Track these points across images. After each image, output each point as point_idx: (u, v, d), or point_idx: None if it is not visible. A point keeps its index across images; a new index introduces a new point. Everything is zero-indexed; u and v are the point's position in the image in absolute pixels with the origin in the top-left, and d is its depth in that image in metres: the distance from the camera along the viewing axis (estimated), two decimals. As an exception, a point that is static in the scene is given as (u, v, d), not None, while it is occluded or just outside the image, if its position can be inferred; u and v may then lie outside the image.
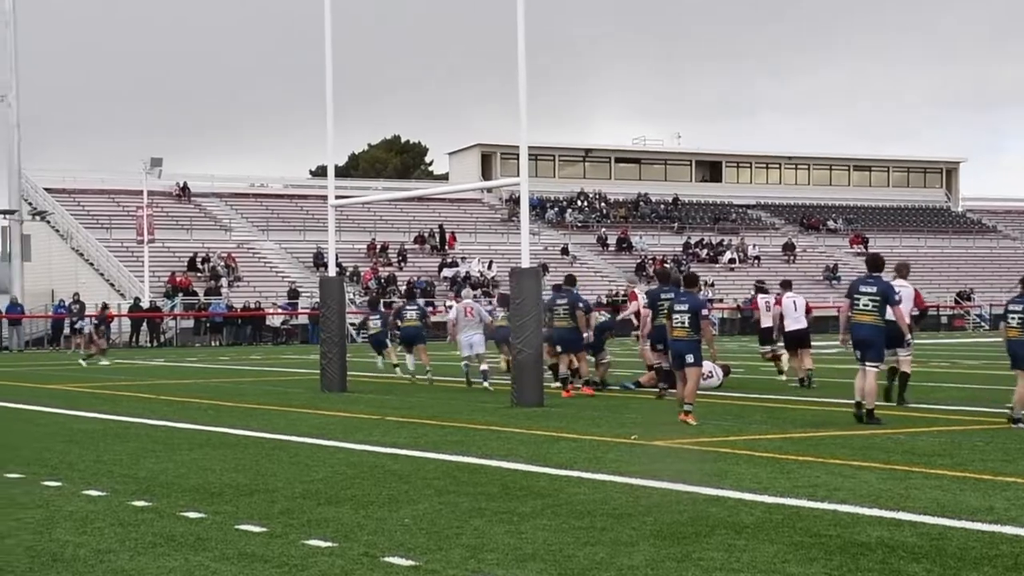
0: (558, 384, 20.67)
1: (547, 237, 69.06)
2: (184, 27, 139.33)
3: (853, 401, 15.34)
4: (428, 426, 15.47)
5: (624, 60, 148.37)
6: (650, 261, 66.08)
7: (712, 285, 63.79)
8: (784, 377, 22.78)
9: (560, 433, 14.33)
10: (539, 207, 70.56)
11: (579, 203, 74.96)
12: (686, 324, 15.54)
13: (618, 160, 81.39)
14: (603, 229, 71.96)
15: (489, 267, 61.62)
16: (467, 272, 61.06)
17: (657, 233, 73.40)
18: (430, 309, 24.03)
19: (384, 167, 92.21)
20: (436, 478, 10.77)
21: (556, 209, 73.47)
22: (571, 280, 21.80)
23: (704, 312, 15.87)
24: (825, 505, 9.15)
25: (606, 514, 8.86)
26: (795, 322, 22.34)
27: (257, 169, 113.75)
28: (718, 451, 12.55)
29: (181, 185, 67.51)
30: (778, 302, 23.10)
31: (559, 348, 20.59)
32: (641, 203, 76.81)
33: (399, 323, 25.25)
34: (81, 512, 9.12)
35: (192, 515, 8.96)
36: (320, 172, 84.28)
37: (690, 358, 15.39)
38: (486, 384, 21.70)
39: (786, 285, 23.71)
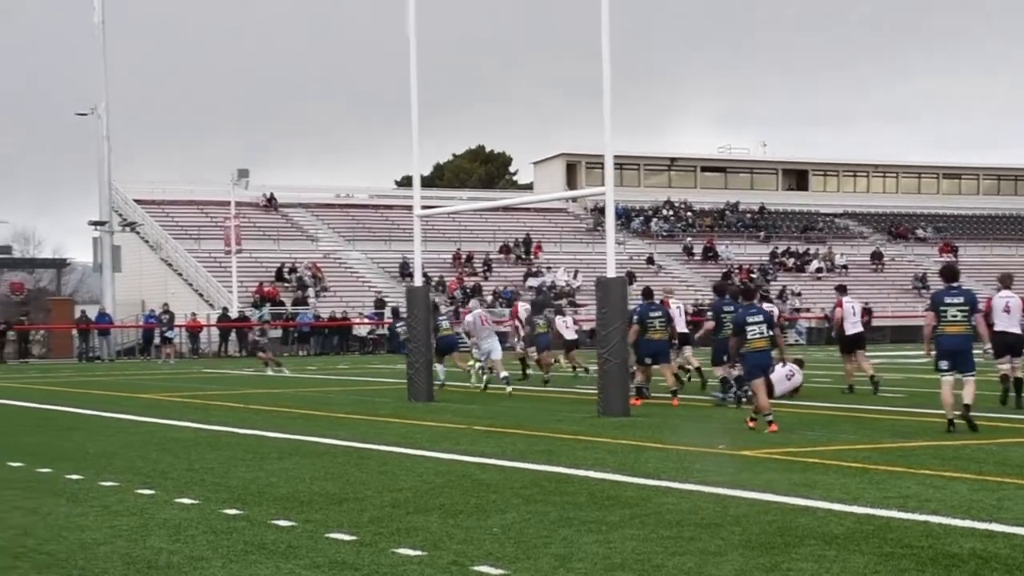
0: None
1: (632, 246, 68.87)
2: (271, 40, 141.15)
3: (943, 411, 15.12)
4: (514, 435, 15.48)
5: (710, 68, 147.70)
6: (736, 270, 65.61)
7: (799, 295, 63.19)
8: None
9: (647, 443, 14.27)
10: (624, 216, 70.33)
11: (664, 212, 74.66)
12: (765, 334, 15.70)
13: (704, 169, 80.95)
14: (689, 238, 71.58)
15: (574, 276, 61.55)
16: (552, 281, 61.02)
17: (743, 242, 72.87)
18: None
19: (468, 177, 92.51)
20: (524, 487, 10.77)
21: (641, 218, 73.25)
22: (649, 292, 21.80)
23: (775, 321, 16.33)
24: (916, 516, 9.02)
25: (694, 524, 8.81)
26: (853, 326, 22.63)
27: (343, 179, 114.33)
28: (806, 461, 12.42)
29: (268, 196, 68.28)
30: (838, 305, 23.19)
31: (648, 360, 20.62)
32: (727, 212, 76.32)
33: (435, 333, 25.47)
34: (174, 520, 9.24)
35: (283, 523, 9.05)
36: (405, 182, 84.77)
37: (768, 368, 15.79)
38: (509, 389, 22.82)
39: (842, 289, 23.92)
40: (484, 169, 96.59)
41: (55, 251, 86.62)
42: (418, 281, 24.92)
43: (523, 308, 28.58)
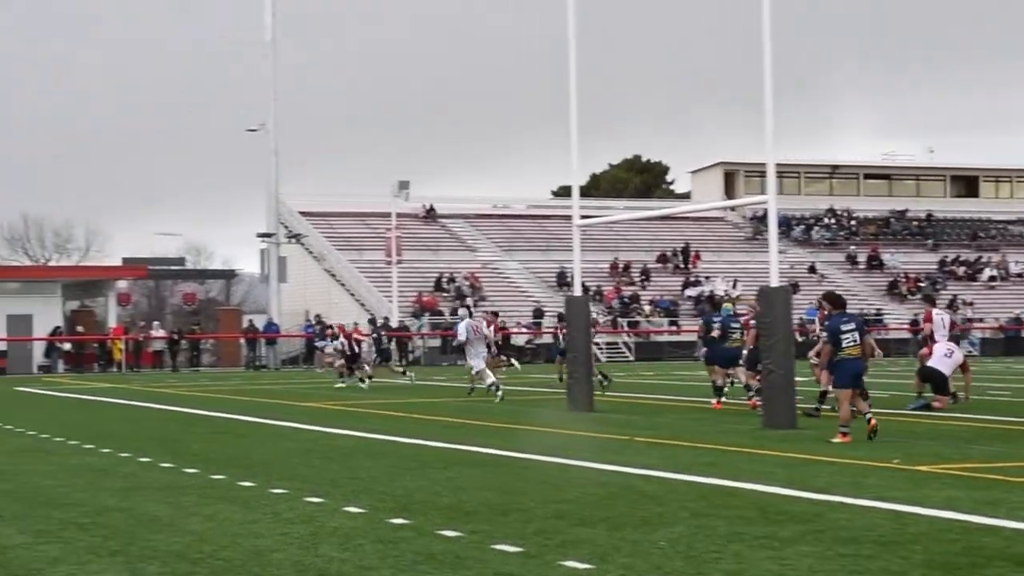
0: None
1: (794, 255, 67.80)
2: (431, 53, 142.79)
3: None
4: (678, 447, 15.28)
5: (872, 72, 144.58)
6: (902, 279, 64.12)
7: (971, 304, 61.44)
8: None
9: (816, 456, 13.94)
10: (785, 225, 69.32)
11: (826, 220, 73.36)
12: (857, 342, 15.99)
13: (867, 176, 79.33)
14: (852, 247, 70.19)
15: (733, 286, 60.83)
16: (711, 291, 60.42)
17: (910, 251, 71.15)
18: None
19: (625, 187, 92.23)
20: (690, 500, 10.60)
21: (802, 227, 72.07)
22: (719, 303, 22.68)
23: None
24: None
25: (872, 541, 8.54)
26: (942, 338, 22.25)
27: (500, 190, 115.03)
28: (988, 477, 11.97)
29: (428, 207, 69.00)
30: (928, 319, 22.90)
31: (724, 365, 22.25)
32: (892, 219, 74.63)
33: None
34: (343, 528, 9.31)
35: (449, 534, 9.04)
36: (562, 192, 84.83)
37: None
38: (499, 395, 24.66)
39: (930, 300, 23.59)
40: (640, 179, 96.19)
41: (224, 262, 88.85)
42: (577, 291, 24.88)
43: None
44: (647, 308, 59.53)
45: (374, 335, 34.84)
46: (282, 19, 54.07)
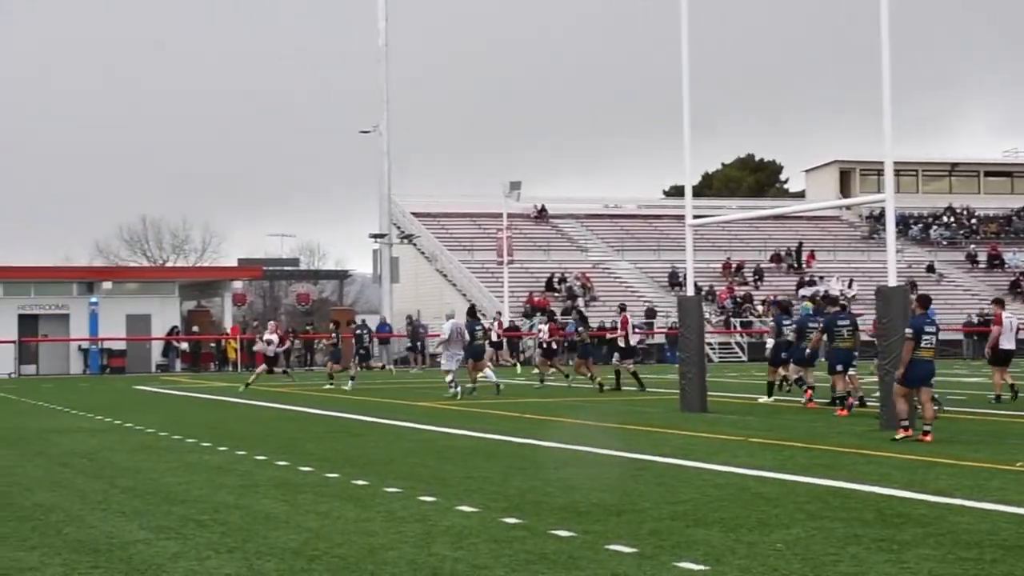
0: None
1: (911, 254, 66.67)
2: (540, 53, 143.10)
3: None
4: (794, 448, 15.08)
5: (993, 69, 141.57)
6: None
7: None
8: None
9: (936, 458, 13.67)
10: (902, 223, 68.15)
11: (945, 219, 71.95)
12: (934, 344, 16.31)
13: (987, 174, 77.65)
14: (972, 246, 68.76)
15: (849, 285, 59.98)
16: (826, 290, 59.63)
17: (1032, 249, 69.56)
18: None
19: (738, 186, 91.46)
20: (807, 502, 10.45)
21: (920, 225, 70.80)
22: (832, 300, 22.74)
23: None
24: None
25: (995, 545, 8.33)
26: (1008, 341, 23.14)
27: (611, 190, 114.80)
28: (1115, 482, 11.63)
29: (539, 207, 69.08)
30: (997, 321, 23.39)
31: (840, 367, 21.50)
32: (1015, 218, 72.94)
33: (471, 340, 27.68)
34: (456, 527, 9.33)
35: (562, 534, 9.01)
36: (674, 192, 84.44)
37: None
38: (466, 389, 26.52)
39: (1000, 303, 23.98)
40: (754, 178, 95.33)
41: (337, 263, 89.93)
42: (690, 291, 24.70)
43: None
44: (760, 308, 58.92)
45: (357, 332, 35.25)
46: (395, 23, 54.54)
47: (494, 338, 46.41)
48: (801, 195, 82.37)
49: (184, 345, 51.54)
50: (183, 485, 12.11)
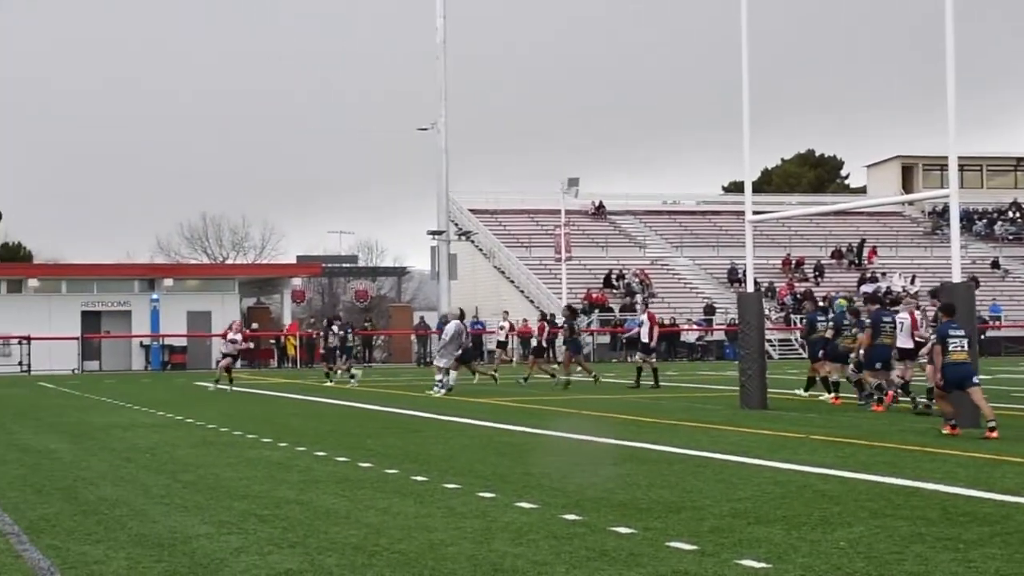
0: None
1: (975, 250, 65.93)
2: (598, 48, 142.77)
3: None
4: (855, 446, 14.94)
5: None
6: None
7: None
8: None
9: (1002, 456, 13.48)
10: (966, 219, 67.40)
11: (1010, 214, 71.04)
12: (965, 348, 16.49)
13: (1054, 168, 76.77)
14: (1037, 241, 67.99)
15: (911, 282, 59.42)
16: (888, 287, 59.08)
17: (1101, 246, 68.59)
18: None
19: (798, 182, 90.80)
20: (869, 500, 10.34)
21: (984, 221, 69.97)
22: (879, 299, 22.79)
23: None
24: None
25: (1064, 546, 8.20)
26: None
27: (670, 186, 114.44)
28: None
29: (597, 203, 68.99)
30: None
31: (879, 364, 21.35)
32: (1081, 213, 72.03)
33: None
34: (516, 524, 9.32)
35: (622, 530, 8.97)
36: (733, 188, 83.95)
37: (975, 379, 16.45)
38: (440, 392, 26.87)
39: None
40: (814, 173, 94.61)
41: (396, 260, 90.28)
42: (750, 287, 24.58)
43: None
44: (821, 305, 58.51)
45: (340, 333, 35.40)
46: (453, 21, 54.62)
47: (502, 337, 46.37)
48: (863, 191, 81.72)
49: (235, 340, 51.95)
50: (244, 480, 12.18)
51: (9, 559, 8.23)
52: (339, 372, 33.85)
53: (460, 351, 28.59)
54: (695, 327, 54.55)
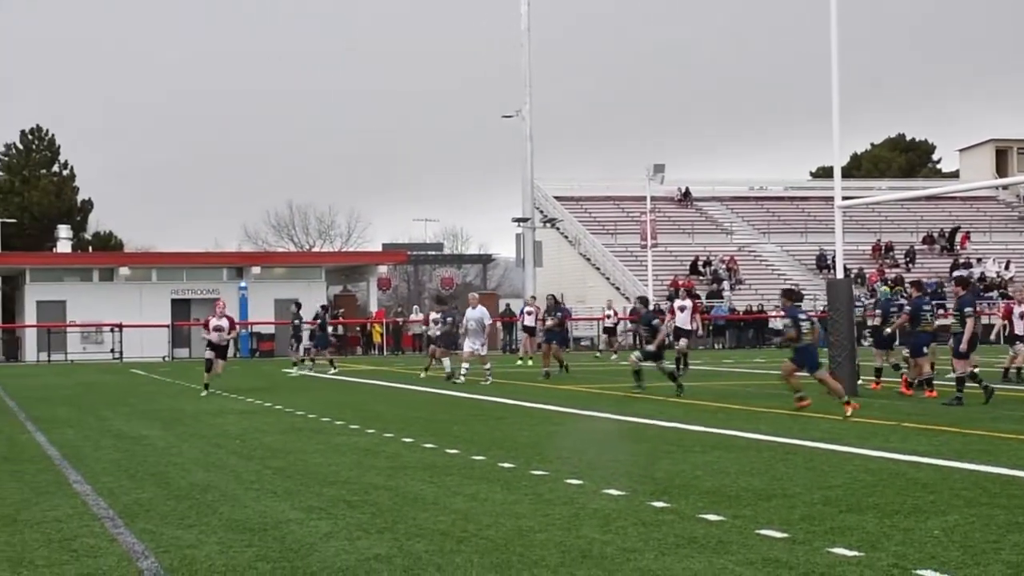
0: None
1: (1073, 235, 64.69)
2: (682, 35, 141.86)
3: None
4: (948, 433, 14.70)
5: None
6: None
7: None
8: None
9: (1100, 445, 13.19)
10: (1063, 203, 66.12)
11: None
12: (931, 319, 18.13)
13: None
14: None
15: (1006, 267, 58.37)
16: (982, 273, 58.11)
17: None
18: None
19: (888, 167, 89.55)
20: (964, 488, 10.16)
21: (1082, 205, 68.61)
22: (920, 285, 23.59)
23: None
24: None
25: None
26: None
27: (757, 172, 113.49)
28: None
29: (683, 190, 68.58)
30: None
31: (926, 350, 21.74)
32: None
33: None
34: (604, 511, 9.28)
35: (711, 518, 8.90)
36: (821, 173, 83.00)
37: None
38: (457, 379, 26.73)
39: None
40: (904, 158, 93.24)
41: (481, 247, 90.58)
42: (839, 273, 24.29)
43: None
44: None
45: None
46: (537, 7, 54.55)
47: (610, 324, 46.14)
48: (955, 175, 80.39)
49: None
50: (332, 466, 12.27)
51: (104, 542, 8.36)
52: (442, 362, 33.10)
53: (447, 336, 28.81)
54: (782, 314, 54.07)
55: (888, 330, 22.77)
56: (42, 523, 9.16)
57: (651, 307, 25.52)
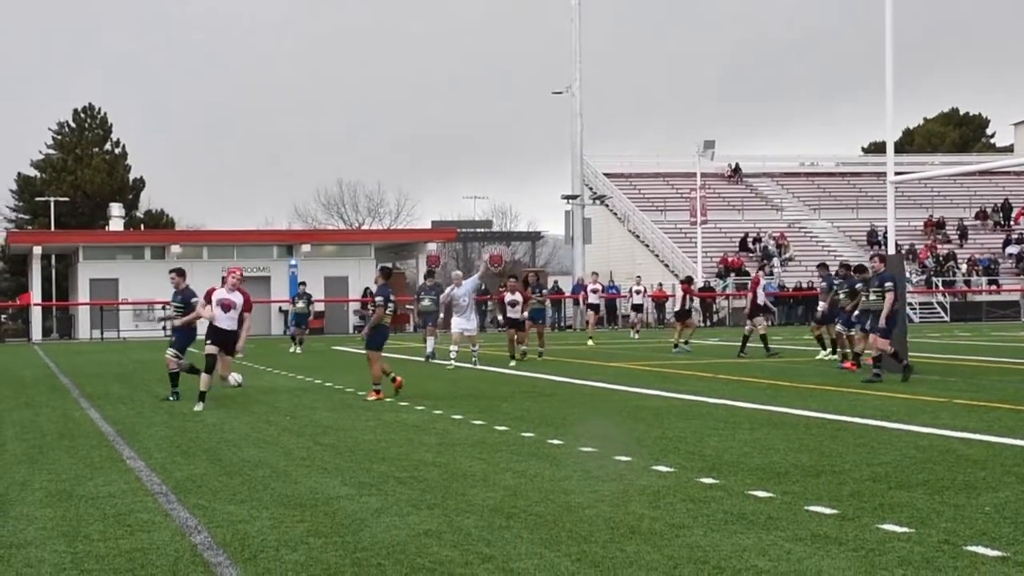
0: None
1: None
2: (757, 10, 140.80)
3: None
4: (1000, 410, 14.60)
5: None
6: None
7: None
8: None
9: None
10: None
11: None
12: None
13: None
14: None
15: (1059, 243, 57.68)
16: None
17: None
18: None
19: (941, 141, 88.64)
20: (1015, 465, 10.10)
21: None
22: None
23: None
24: None
25: None
26: None
27: (808, 148, 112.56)
28: None
29: (733, 166, 68.21)
30: None
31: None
32: None
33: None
34: (653, 487, 9.30)
35: (760, 494, 8.90)
36: (873, 149, 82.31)
37: None
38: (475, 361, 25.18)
39: None
40: (957, 132, 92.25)
41: (530, 224, 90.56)
42: (891, 249, 24.12)
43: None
44: (964, 267, 57.10)
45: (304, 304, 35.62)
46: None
47: (637, 301, 45.91)
48: (1009, 150, 79.42)
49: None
50: (382, 443, 12.35)
51: (159, 517, 8.47)
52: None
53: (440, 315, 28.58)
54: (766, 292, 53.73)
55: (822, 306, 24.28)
56: (97, 498, 9.29)
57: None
